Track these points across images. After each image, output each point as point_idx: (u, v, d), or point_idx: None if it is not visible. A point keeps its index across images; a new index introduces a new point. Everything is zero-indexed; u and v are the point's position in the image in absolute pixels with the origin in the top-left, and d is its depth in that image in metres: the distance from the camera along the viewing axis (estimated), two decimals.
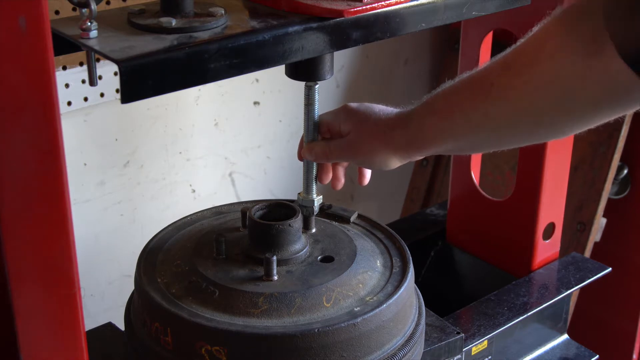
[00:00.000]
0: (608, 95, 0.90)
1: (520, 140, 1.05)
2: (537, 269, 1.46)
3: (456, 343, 1.20)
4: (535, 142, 1.06)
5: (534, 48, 0.94)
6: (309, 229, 1.17)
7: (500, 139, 1.03)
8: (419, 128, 1.06)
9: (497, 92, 0.97)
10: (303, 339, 0.99)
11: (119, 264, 1.72)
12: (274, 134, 1.93)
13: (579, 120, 0.95)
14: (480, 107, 0.99)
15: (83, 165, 1.61)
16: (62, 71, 1.50)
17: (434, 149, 1.07)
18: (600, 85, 0.89)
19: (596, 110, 0.93)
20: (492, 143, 1.05)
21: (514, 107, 0.97)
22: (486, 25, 1.41)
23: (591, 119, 0.95)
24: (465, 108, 1.00)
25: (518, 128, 0.99)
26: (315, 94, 1.14)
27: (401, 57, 2.16)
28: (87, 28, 0.88)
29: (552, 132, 1.00)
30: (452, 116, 1.02)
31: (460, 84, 1.03)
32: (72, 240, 0.79)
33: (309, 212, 1.18)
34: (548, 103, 0.94)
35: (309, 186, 1.18)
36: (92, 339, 1.01)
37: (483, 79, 0.99)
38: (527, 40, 0.96)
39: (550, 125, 0.97)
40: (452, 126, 1.03)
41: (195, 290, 1.05)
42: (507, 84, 0.96)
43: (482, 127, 1.00)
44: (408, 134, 1.07)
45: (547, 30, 0.93)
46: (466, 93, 1.01)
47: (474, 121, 1.00)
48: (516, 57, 0.97)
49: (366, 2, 0.99)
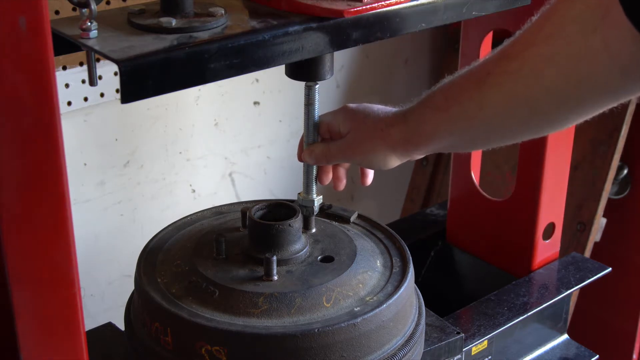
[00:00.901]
0: (610, 76, 0.85)
1: (516, 133, 1.01)
2: (537, 269, 1.46)
3: (456, 343, 1.20)
4: (532, 135, 1.01)
5: (530, 32, 0.92)
6: (309, 229, 1.17)
7: (495, 131, 1.01)
8: (417, 123, 1.05)
9: (492, 79, 0.95)
10: (303, 339, 0.99)
11: (119, 264, 1.72)
12: (274, 134, 1.93)
13: (576, 108, 0.91)
14: (474, 96, 0.97)
15: (83, 165, 1.61)
16: (62, 71, 1.50)
17: (432, 146, 1.06)
18: (601, 64, 0.84)
19: (596, 95, 0.88)
20: (488, 137, 1.03)
21: (507, 94, 0.94)
22: (486, 25, 1.41)
23: (591, 106, 0.91)
24: (461, 99, 0.99)
25: (513, 118, 0.96)
26: (315, 94, 1.14)
27: (401, 57, 2.17)
28: (87, 28, 0.88)
29: (548, 123, 0.96)
30: (448, 109, 1.01)
31: (458, 78, 1.02)
32: (72, 240, 0.79)
33: (309, 212, 1.18)
34: (543, 89, 0.90)
35: (309, 186, 1.18)
36: (92, 339, 1.01)
37: (480, 70, 0.98)
38: (526, 27, 0.94)
39: (544, 115, 0.94)
40: (449, 119, 1.01)
41: (195, 290, 1.05)
42: (502, 71, 0.94)
43: (477, 118, 0.98)
44: (406, 130, 1.06)
45: (544, 14, 0.91)
46: (463, 84, 1.00)
47: (469, 112, 0.98)
48: (513, 43, 0.94)
49: (366, 2, 0.99)
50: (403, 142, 1.07)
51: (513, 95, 0.94)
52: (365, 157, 1.12)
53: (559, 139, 1.38)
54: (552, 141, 1.37)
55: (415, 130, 1.06)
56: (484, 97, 0.96)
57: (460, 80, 1.01)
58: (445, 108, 1.01)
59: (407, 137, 1.07)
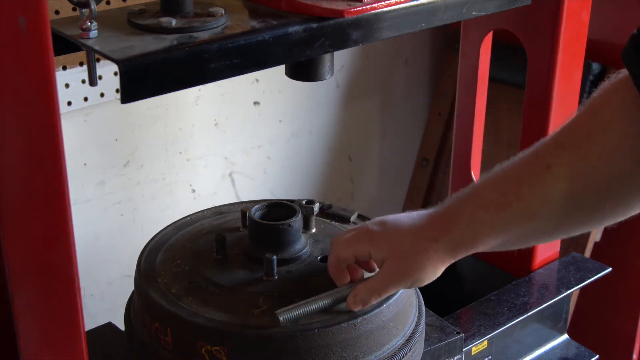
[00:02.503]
0: None
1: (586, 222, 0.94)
2: (537, 269, 1.46)
3: (456, 343, 1.20)
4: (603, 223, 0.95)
5: (587, 120, 0.88)
6: (309, 229, 1.17)
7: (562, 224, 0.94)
8: (468, 227, 0.96)
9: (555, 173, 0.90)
10: (303, 339, 0.99)
11: (119, 264, 1.72)
12: (274, 134, 1.93)
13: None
14: (538, 192, 0.91)
15: (83, 165, 1.61)
16: (62, 71, 1.50)
17: (483, 247, 0.98)
18: None
19: None
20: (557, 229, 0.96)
21: (573, 185, 0.89)
22: (486, 25, 1.41)
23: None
24: (522, 195, 0.92)
25: (581, 209, 0.91)
26: None
27: (401, 57, 2.17)
28: (87, 28, 0.88)
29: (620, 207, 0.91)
30: (508, 206, 0.93)
31: (506, 173, 0.95)
32: (72, 240, 0.79)
33: (309, 211, 1.18)
34: (611, 175, 0.87)
35: None
36: (92, 339, 1.01)
37: (537, 161, 0.92)
38: (579, 114, 0.90)
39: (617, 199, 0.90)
40: (508, 217, 0.94)
41: (195, 290, 1.05)
42: (565, 162, 0.89)
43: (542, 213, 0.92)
44: (455, 239, 0.97)
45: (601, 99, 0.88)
46: (520, 177, 0.93)
47: (532, 209, 0.92)
48: (570, 133, 0.90)
49: (366, 2, 0.99)
50: (452, 251, 0.98)
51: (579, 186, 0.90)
52: (414, 279, 1.00)
53: None
54: None
55: (467, 236, 0.97)
56: (548, 192, 0.91)
57: (514, 175, 0.94)
58: (503, 206, 0.94)
59: (457, 245, 0.98)
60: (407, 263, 0.99)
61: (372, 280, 1.02)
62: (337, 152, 2.10)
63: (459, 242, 0.97)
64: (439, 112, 2.23)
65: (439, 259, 0.99)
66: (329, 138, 2.05)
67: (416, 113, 2.27)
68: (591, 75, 1.94)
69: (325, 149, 2.06)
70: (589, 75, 1.93)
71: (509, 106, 2.01)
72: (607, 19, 1.87)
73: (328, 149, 2.07)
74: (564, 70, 1.33)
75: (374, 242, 1.01)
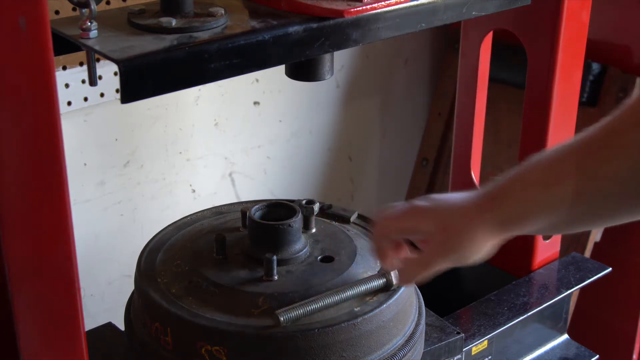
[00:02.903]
0: None
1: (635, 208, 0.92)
2: (537, 269, 1.46)
3: (456, 343, 1.20)
4: None
5: None
6: (309, 229, 1.17)
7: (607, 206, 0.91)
8: (517, 203, 0.94)
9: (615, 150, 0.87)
10: (303, 339, 0.99)
11: (119, 264, 1.72)
12: (274, 134, 1.93)
13: None
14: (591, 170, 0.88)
15: (83, 165, 1.61)
16: (62, 71, 1.50)
17: (532, 226, 0.95)
18: None
19: None
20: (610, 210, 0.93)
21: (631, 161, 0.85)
22: (486, 25, 1.41)
23: None
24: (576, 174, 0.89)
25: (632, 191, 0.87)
26: None
27: (401, 57, 2.17)
28: (87, 28, 0.88)
29: None
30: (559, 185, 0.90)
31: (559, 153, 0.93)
32: (72, 240, 0.79)
33: (309, 212, 1.18)
34: None
35: None
36: (92, 339, 1.01)
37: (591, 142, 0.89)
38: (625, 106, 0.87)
39: None
40: (559, 195, 0.91)
41: (195, 290, 1.05)
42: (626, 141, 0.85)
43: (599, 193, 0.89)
44: (504, 213, 0.95)
45: None
46: (574, 157, 0.90)
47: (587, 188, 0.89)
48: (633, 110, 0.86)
49: (366, 2, 0.99)
50: (501, 226, 0.96)
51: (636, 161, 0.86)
52: (461, 253, 0.98)
53: (559, 139, 1.38)
54: (553, 141, 1.37)
55: (517, 212, 0.95)
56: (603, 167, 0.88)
57: (565, 156, 0.92)
58: (554, 184, 0.91)
59: (506, 220, 0.95)
60: (455, 236, 0.96)
61: (420, 254, 1.00)
62: (337, 152, 2.10)
63: (507, 218, 0.95)
64: (439, 112, 2.23)
65: (488, 233, 0.96)
66: (329, 138, 2.05)
67: (416, 113, 2.27)
68: (591, 75, 1.93)
69: (325, 149, 2.06)
70: (589, 75, 1.93)
71: (509, 106, 2.01)
72: (607, 19, 1.87)
73: (328, 149, 2.07)
74: (564, 70, 1.33)
75: (422, 216, 0.99)
